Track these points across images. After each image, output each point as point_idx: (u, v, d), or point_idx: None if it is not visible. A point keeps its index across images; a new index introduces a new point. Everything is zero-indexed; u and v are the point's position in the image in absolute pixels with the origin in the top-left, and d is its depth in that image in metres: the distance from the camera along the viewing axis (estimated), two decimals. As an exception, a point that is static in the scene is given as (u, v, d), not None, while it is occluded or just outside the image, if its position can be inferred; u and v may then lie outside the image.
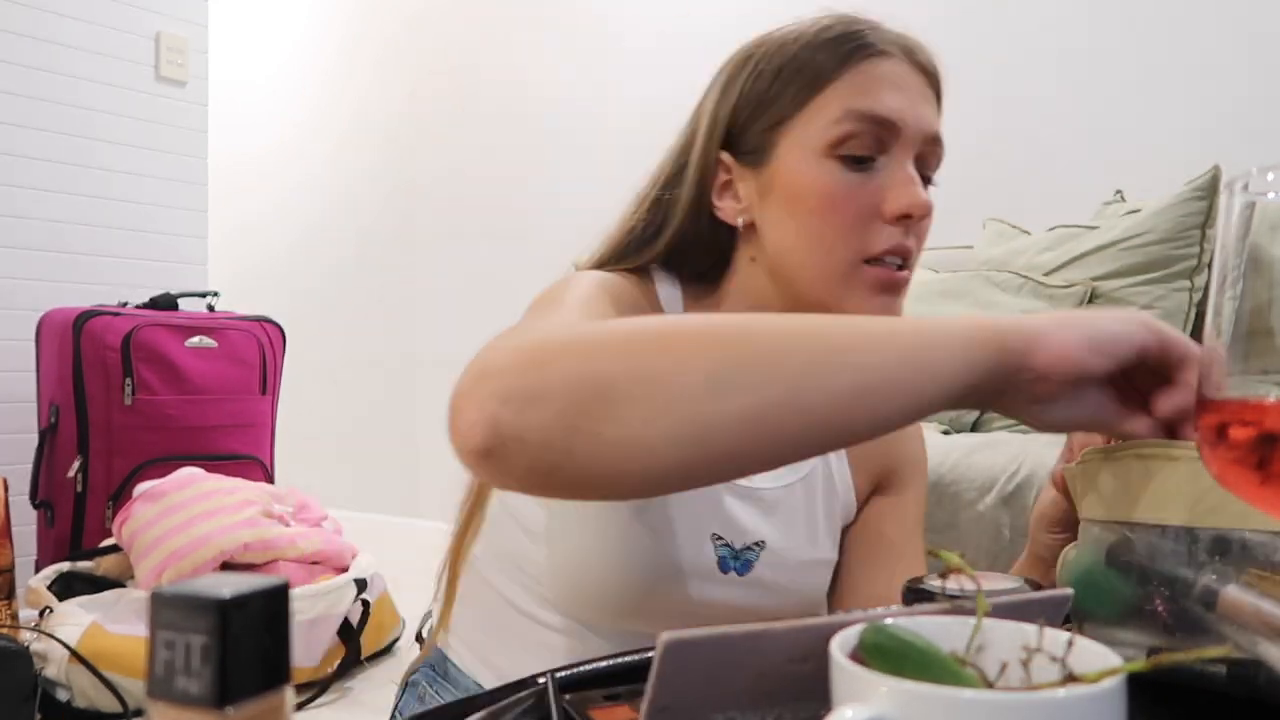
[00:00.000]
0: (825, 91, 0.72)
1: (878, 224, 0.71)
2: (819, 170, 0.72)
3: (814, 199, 0.72)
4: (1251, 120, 1.98)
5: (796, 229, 0.73)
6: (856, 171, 0.72)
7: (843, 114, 0.71)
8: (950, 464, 1.47)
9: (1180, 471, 0.53)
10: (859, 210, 0.71)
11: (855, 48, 0.73)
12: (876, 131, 0.71)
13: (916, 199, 0.71)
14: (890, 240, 0.71)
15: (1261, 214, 0.39)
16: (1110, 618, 0.55)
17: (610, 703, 0.51)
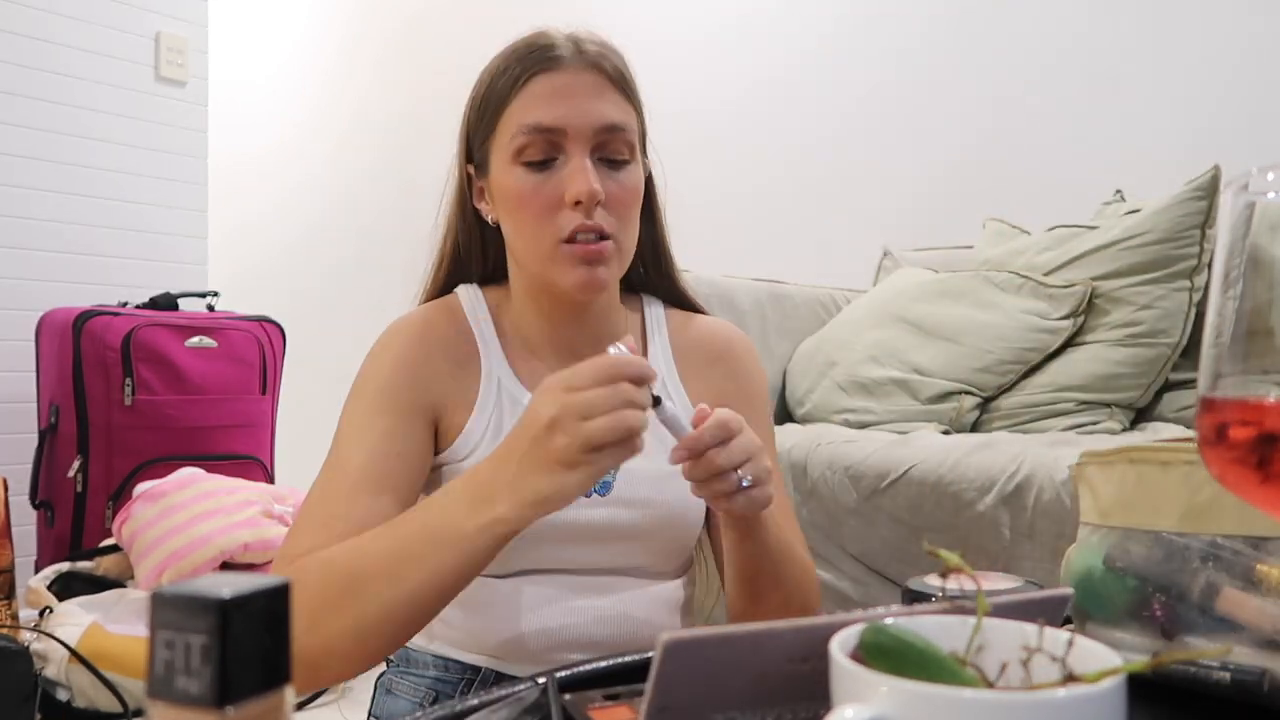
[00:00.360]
0: (505, 112, 0.89)
1: (564, 211, 0.86)
2: (511, 176, 0.88)
3: (511, 200, 0.88)
4: (1251, 120, 1.98)
5: (510, 223, 0.91)
6: (538, 172, 0.87)
7: (516, 129, 0.87)
8: (950, 464, 1.47)
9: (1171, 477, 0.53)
10: (544, 203, 0.87)
11: (525, 68, 0.88)
12: (546, 137, 0.86)
13: (583, 187, 0.85)
14: (574, 222, 0.86)
15: (1261, 214, 0.39)
16: (1109, 620, 0.55)
17: (610, 703, 0.51)
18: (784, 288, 2.16)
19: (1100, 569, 0.56)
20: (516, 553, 0.88)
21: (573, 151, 0.86)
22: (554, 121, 0.86)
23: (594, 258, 0.86)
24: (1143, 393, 1.70)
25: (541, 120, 0.86)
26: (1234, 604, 0.50)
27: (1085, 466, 0.60)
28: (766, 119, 2.61)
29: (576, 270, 0.86)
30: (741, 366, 1.01)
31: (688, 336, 1.01)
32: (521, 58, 0.89)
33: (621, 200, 0.88)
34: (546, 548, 0.89)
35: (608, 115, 0.87)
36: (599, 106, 0.87)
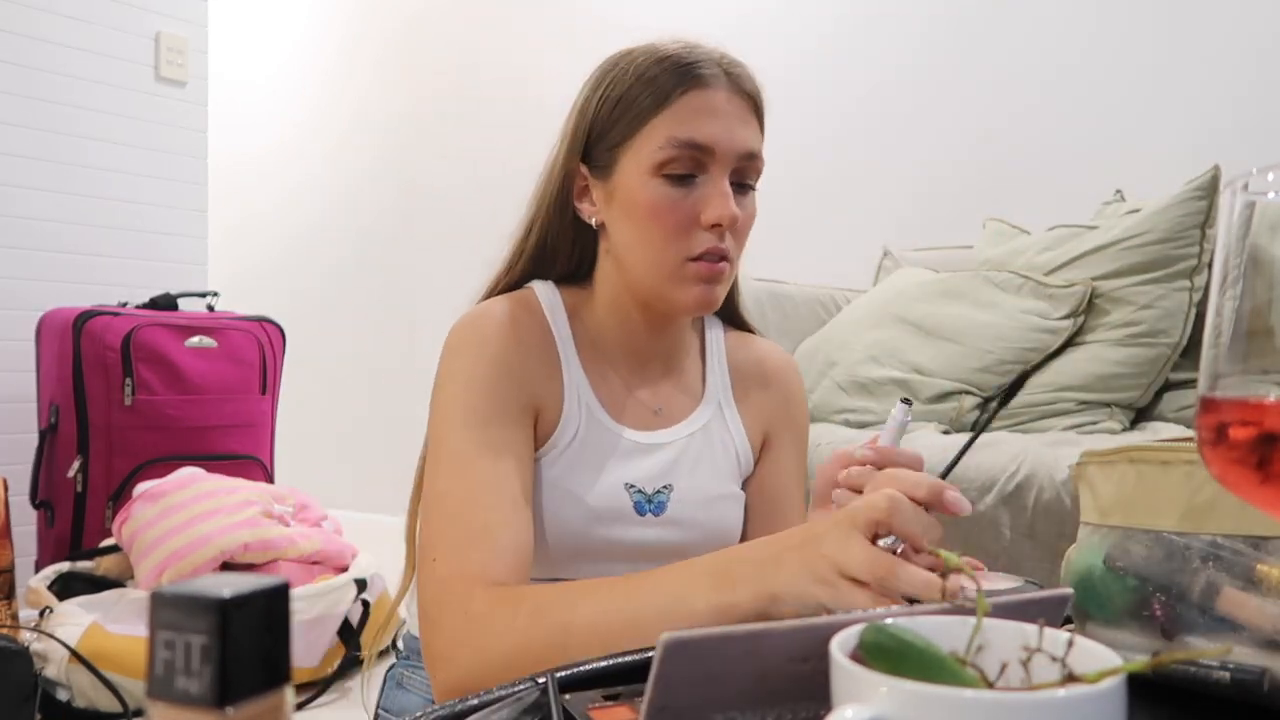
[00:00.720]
0: (653, 121, 0.87)
1: (697, 230, 0.86)
2: (647, 186, 0.86)
3: (643, 210, 0.87)
4: (1251, 120, 1.99)
5: (632, 232, 0.88)
6: (678, 188, 0.86)
7: (665, 141, 0.85)
8: (950, 464, 1.47)
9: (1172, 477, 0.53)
10: (680, 220, 0.86)
11: (678, 82, 0.87)
12: (694, 154, 0.85)
13: (725, 211, 0.85)
14: (707, 244, 0.86)
15: (1261, 214, 0.39)
16: (1109, 620, 0.55)
17: (610, 703, 0.51)
18: (784, 288, 2.16)
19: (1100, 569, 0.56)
20: (565, 565, 0.89)
21: (715, 173, 0.86)
22: (706, 140, 0.85)
23: (714, 277, 0.87)
24: (1143, 393, 1.70)
25: (694, 137, 0.85)
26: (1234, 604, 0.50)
27: (1085, 466, 0.60)
28: (766, 119, 2.60)
29: (695, 288, 0.86)
30: (791, 393, 1.03)
31: (743, 358, 1.02)
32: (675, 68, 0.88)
33: (745, 226, 0.89)
34: (598, 564, 0.89)
35: (751, 142, 0.88)
36: (745, 132, 0.88)
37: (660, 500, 0.91)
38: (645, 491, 0.91)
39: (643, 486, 0.91)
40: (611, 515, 0.89)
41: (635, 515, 0.90)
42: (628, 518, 0.89)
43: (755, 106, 0.90)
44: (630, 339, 0.94)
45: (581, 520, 0.88)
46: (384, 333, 3.22)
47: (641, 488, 0.91)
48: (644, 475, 0.91)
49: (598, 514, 0.88)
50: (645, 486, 0.91)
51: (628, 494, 0.90)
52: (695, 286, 0.86)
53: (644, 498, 0.90)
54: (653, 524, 0.90)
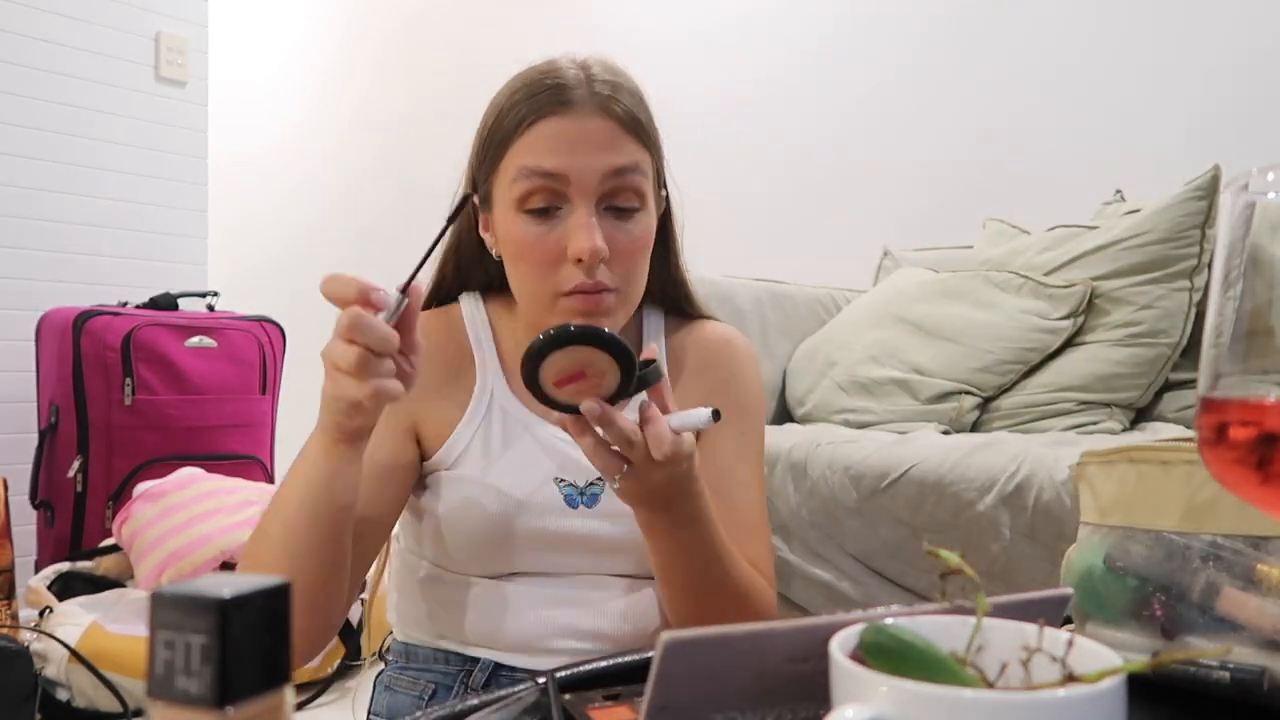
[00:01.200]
0: (509, 152, 0.84)
1: (565, 265, 0.83)
2: (513, 223, 0.84)
3: (511, 248, 0.86)
4: (1251, 120, 1.98)
5: (510, 268, 0.88)
6: (540, 223, 0.83)
7: (517, 172, 0.83)
8: (950, 464, 1.47)
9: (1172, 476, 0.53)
10: (544, 256, 0.83)
11: (532, 109, 0.83)
12: (549, 184, 0.82)
13: (587, 244, 0.81)
14: (574, 279, 0.82)
15: (1261, 214, 0.39)
16: (1109, 620, 0.55)
17: (610, 703, 0.51)
18: (784, 288, 2.16)
19: (1100, 569, 0.56)
20: (504, 557, 0.90)
21: (577, 202, 0.82)
22: (557, 168, 0.82)
23: (594, 309, 0.83)
24: (1143, 393, 1.70)
25: (544, 165, 0.82)
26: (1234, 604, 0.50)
27: (1086, 466, 0.60)
28: (766, 119, 2.61)
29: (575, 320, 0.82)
30: (734, 372, 0.99)
31: (683, 344, 0.99)
32: (531, 95, 0.84)
33: (629, 252, 0.84)
34: (533, 553, 0.90)
35: (614, 160, 0.83)
36: (606, 156, 0.83)
37: (594, 493, 0.90)
38: (577, 485, 0.90)
39: (574, 480, 0.90)
40: (540, 508, 0.89)
41: (566, 508, 0.90)
42: (558, 510, 0.89)
43: (624, 123, 0.85)
44: None
45: (507, 512, 0.88)
46: (384, 333, 3.21)
47: (572, 481, 0.90)
48: (574, 467, 0.90)
49: (524, 505, 0.88)
50: (577, 479, 0.90)
51: (557, 487, 0.90)
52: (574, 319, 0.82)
53: (575, 490, 0.90)
54: (586, 515, 0.89)
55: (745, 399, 0.98)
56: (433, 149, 3.30)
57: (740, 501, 0.93)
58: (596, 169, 0.82)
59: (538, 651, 0.90)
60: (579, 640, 0.90)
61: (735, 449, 0.95)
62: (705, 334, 1.00)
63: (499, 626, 0.90)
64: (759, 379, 1.02)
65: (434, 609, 0.95)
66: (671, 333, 1.00)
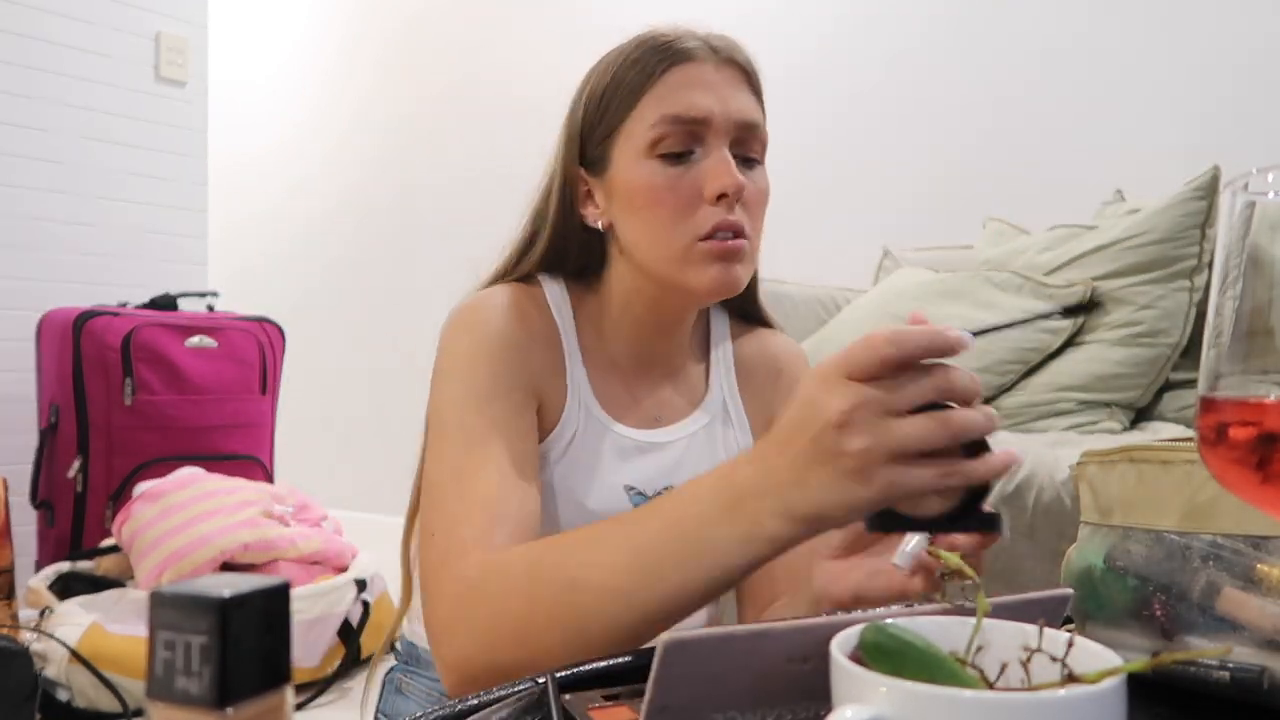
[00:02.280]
0: (641, 102, 0.83)
1: (703, 207, 0.81)
2: (644, 170, 0.82)
3: (643, 195, 0.83)
4: (1251, 120, 1.98)
5: (637, 223, 0.84)
6: (675, 165, 0.82)
7: (656, 119, 0.82)
8: (950, 464, 1.47)
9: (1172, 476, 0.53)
10: (682, 198, 0.81)
11: (661, 59, 0.84)
12: (687, 129, 0.82)
13: (729, 179, 0.80)
14: (714, 218, 0.81)
15: (1261, 214, 0.39)
16: (1109, 620, 0.55)
17: (610, 703, 0.51)
18: (784, 288, 2.16)
19: (1100, 568, 0.56)
20: None
21: (713, 144, 0.82)
22: (696, 112, 0.81)
23: (731, 255, 0.81)
24: (1143, 393, 1.70)
25: (683, 111, 0.81)
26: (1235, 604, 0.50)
27: (1086, 466, 0.60)
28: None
29: (711, 269, 0.81)
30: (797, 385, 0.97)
31: (751, 352, 0.98)
32: (654, 49, 0.84)
33: (756, 200, 0.84)
34: None
35: (747, 111, 0.84)
36: (740, 101, 0.84)
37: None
38: (645, 494, 0.88)
39: (642, 488, 0.88)
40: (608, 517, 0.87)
41: None
42: None
43: (748, 78, 0.86)
44: (636, 341, 0.91)
45: (579, 522, 0.84)
46: (384, 333, 3.22)
47: (641, 489, 0.88)
48: (644, 477, 0.88)
49: (596, 516, 0.85)
50: (645, 488, 0.88)
51: (627, 496, 0.87)
52: (711, 267, 0.81)
53: (643, 499, 0.88)
54: None
55: None
56: (433, 149, 3.31)
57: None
58: (732, 114, 0.82)
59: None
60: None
61: None
62: (773, 346, 1.00)
63: None
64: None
65: None
66: (736, 338, 0.99)
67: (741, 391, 0.96)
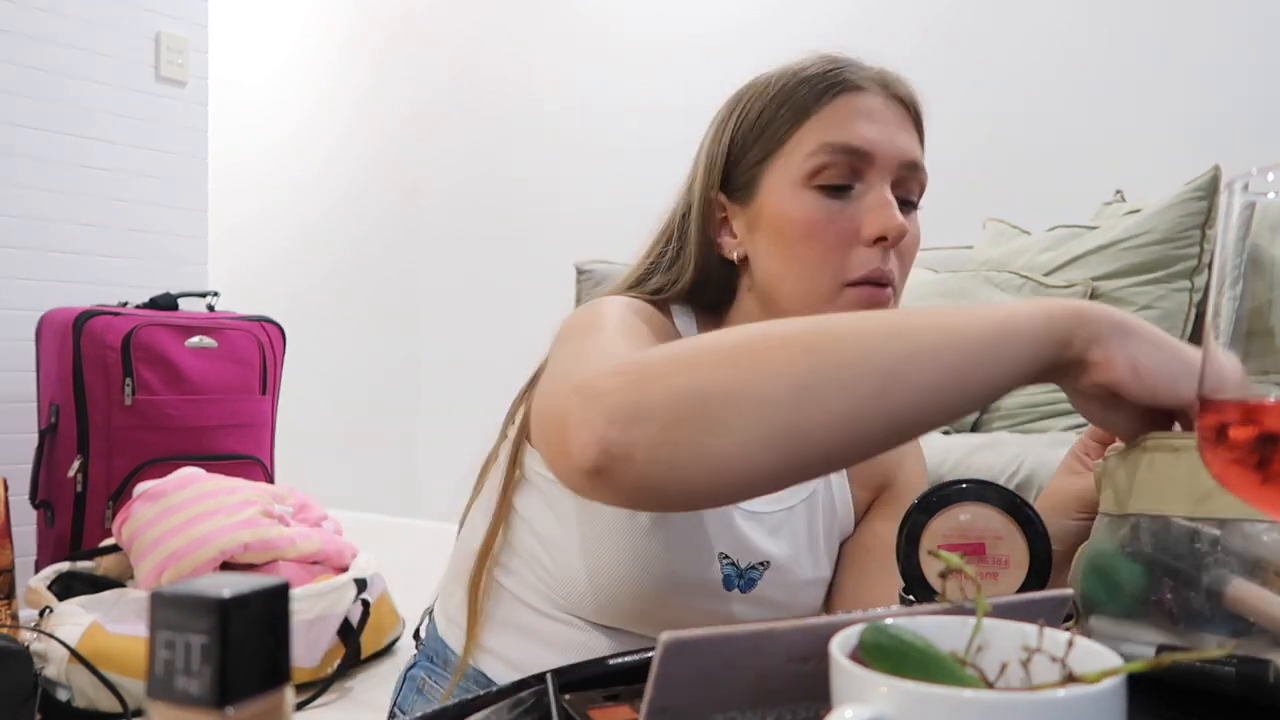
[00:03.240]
0: (802, 127, 0.77)
1: (857, 248, 0.75)
2: (799, 200, 0.76)
3: (795, 227, 0.76)
4: (1251, 120, 1.99)
5: (781, 257, 0.77)
6: (834, 199, 0.76)
7: (818, 147, 0.76)
8: (950, 464, 1.47)
9: (1182, 463, 0.53)
10: (837, 235, 0.75)
11: (829, 85, 0.77)
12: (851, 161, 0.75)
13: (891, 221, 0.74)
14: (869, 264, 0.75)
15: (1261, 214, 0.39)
16: (1120, 609, 0.55)
17: (610, 703, 0.51)
18: (784, 288, 2.16)
19: (1110, 553, 0.56)
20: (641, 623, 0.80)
21: (875, 181, 0.76)
22: (863, 144, 0.75)
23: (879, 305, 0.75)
24: (1143, 393, 1.70)
25: (850, 140, 0.75)
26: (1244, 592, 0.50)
27: (1108, 460, 0.60)
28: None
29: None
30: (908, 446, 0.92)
31: None
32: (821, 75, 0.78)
33: (910, 248, 0.78)
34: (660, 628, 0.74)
35: (912, 150, 0.78)
36: (905, 139, 0.78)
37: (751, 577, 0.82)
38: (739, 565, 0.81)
39: (737, 559, 0.81)
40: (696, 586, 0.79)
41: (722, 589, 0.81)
42: (713, 590, 0.80)
43: (914, 117, 0.81)
44: None
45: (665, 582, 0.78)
46: (384, 333, 3.22)
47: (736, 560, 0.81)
48: (742, 547, 0.81)
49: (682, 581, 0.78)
50: (740, 560, 0.81)
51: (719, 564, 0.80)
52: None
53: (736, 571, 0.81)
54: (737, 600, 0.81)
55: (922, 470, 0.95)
56: (433, 149, 3.31)
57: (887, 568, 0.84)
58: (899, 151, 0.77)
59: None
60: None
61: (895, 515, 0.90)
62: None
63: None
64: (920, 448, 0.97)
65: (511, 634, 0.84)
66: None
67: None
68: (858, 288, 0.75)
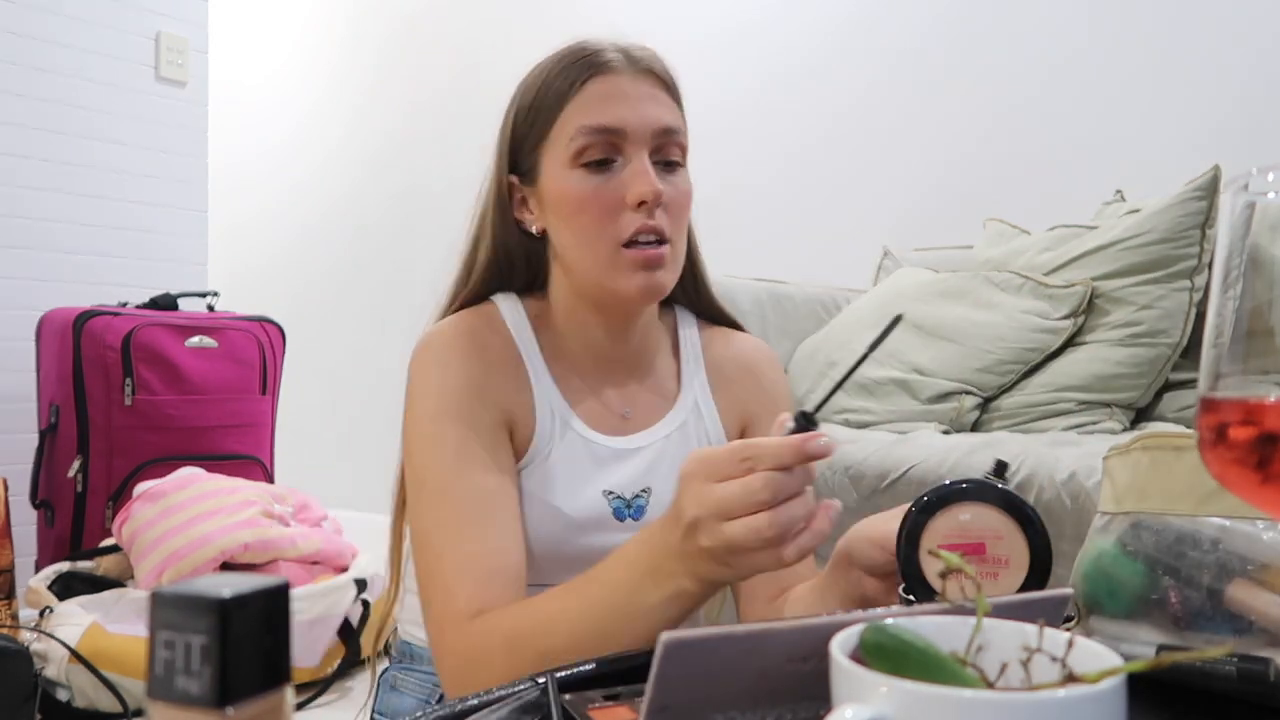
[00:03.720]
0: (562, 114, 0.88)
1: (625, 213, 0.85)
2: (569, 179, 0.87)
3: (569, 204, 0.87)
4: (1251, 120, 1.98)
5: (566, 229, 0.89)
6: (598, 174, 0.86)
7: (576, 131, 0.86)
8: (950, 464, 1.47)
9: (1184, 462, 0.53)
10: (605, 205, 0.85)
11: (579, 72, 0.88)
12: (607, 139, 0.86)
13: (647, 187, 0.84)
14: (636, 223, 0.85)
15: (1261, 214, 0.39)
16: (1121, 608, 0.55)
17: (610, 703, 0.51)
18: (784, 288, 2.16)
19: (1112, 553, 0.56)
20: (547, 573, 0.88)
21: (632, 153, 0.86)
22: (614, 122, 0.85)
23: (654, 263, 0.85)
24: (1143, 393, 1.70)
25: (601, 121, 0.85)
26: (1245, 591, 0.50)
27: (1109, 459, 0.60)
28: (767, 118, 2.61)
29: (636, 276, 0.85)
30: (768, 381, 1.01)
31: (721, 353, 1.00)
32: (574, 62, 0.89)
33: (678, 203, 0.88)
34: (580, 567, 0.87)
35: (664, 118, 0.88)
36: (655, 109, 0.88)
37: (639, 504, 0.91)
38: (624, 497, 0.91)
39: (621, 492, 0.91)
40: (592, 524, 0.89)
41: (615, 521, 0.90)
42: (608, 524, 0.90)
43: (665, 85, 0.91)
44: (593, 344, 0.93)
45: (562, 530, 0.88)
46: (384, 333, 3.22)
47: (620, 493, 0.91)
48: (622, 481, 0.91)
49: (579, 524, 0.88)
50: (624, 492, 0.91)
51: (606, 501, 0.90)
52: (635, 274, 0.85)
53: (623, 503, 0.91)
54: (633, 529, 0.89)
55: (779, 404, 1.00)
56: (433, 149, 3.31)
57: None
58: (648, 122, 0.86)
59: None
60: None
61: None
62: (743, 346, 1.02)
63: None
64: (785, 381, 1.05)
65: None
66: (706, 338, 1.01)
67: (713, 391, 0.98)
68: (632, 248, 0.85)
